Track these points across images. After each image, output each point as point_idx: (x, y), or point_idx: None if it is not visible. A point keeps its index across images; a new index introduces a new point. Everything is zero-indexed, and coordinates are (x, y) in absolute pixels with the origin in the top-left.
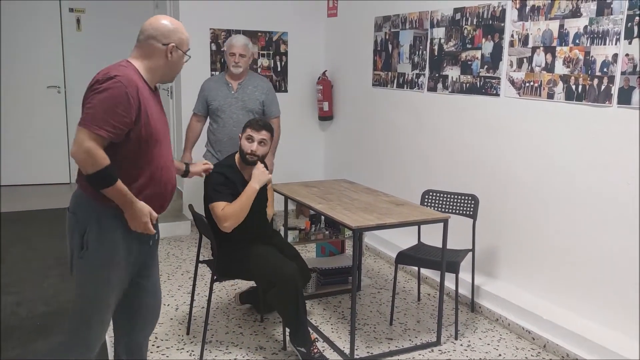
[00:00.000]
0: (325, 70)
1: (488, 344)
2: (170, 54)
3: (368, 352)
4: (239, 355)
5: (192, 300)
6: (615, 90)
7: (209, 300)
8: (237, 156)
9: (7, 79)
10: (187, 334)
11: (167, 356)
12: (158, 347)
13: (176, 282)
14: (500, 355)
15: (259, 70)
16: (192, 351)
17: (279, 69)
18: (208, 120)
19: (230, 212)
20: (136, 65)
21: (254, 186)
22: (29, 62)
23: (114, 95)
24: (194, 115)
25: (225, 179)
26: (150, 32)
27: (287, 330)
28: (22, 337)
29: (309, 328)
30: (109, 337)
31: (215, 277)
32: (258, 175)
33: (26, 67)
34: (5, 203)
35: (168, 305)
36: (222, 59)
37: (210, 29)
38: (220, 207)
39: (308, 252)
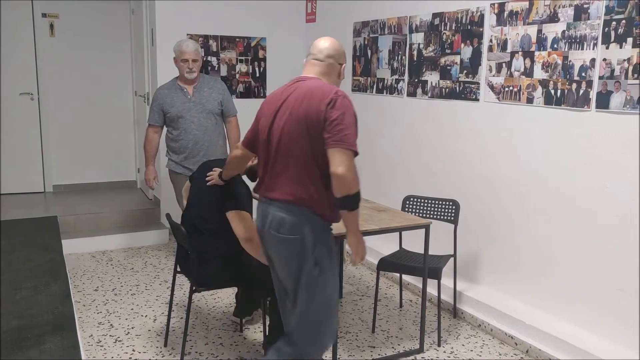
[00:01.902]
0: None
1: (471, 350)
2: (341, 73)
3: None
4: None
5: (170, 311)
6: (593, 95)
7: (187, 311)
8: None
9: None
10: (165, 345)
11: None
12: (135, 359)
13: (154, 292)
14: None
15: (237, 76)
16: None
17: (257, 75)
18: (164, 130)
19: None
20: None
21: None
22: (1, 68)
23: (353, 112)
24: (150, 127)
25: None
26: (330, 52)
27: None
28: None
29: None
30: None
31: (194, 288)
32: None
33: None
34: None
35: (146, 316)
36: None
37: (188, 34)
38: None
39: None
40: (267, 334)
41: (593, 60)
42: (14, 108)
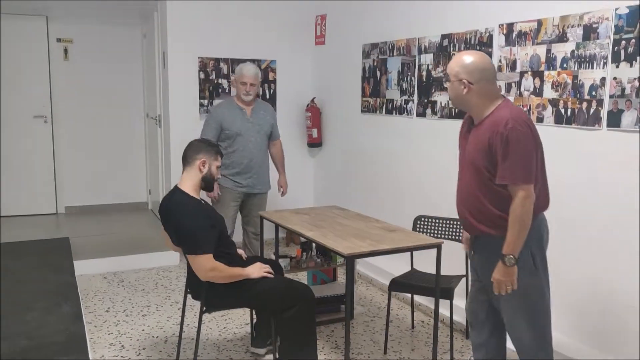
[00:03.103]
0: (314, 97)
1: None
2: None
3: None
4: None
5: (181, 332)
6: (604, 114)
7: (198, 332)
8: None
9: None
10: None
11: None
12: None
13: (165, 313)
14: None
15: None
16: None
17: (267, 97)
18: None
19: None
20: None
21: (248, 273)
22: (16, 92)
23: None
24: None
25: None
26: (484, 74)
27: (287, 355)
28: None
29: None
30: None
31: (204, 309)
32: (257, 270)
33: (13, 96)
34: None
35: (157, 337)
36: (211, 87)
37: (199, 57)
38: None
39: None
40: (277, 355)
41: (603, 79)
42: (28, 131)
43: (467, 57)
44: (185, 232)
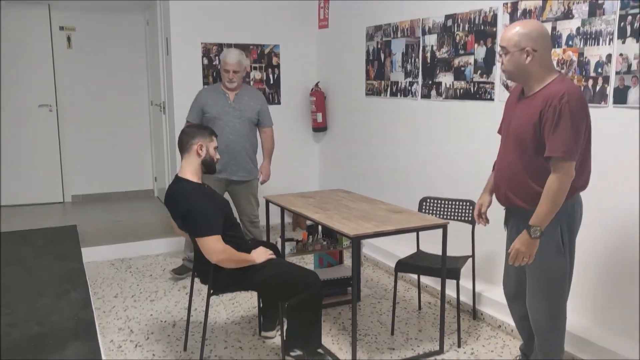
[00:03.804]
0: (318, 82)
1: (492, 351)
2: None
3: None
4: None
5: (189, 315)
6: (610, 91)
7: (206, 315)
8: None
9: None
10: (185, 350)
11: None
12: None
13: (173, 298)
14: None
15: (252, 83)
16: None
17: (271, 82)
18: None
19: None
20: None
21: (254, 258)
22: (20, 81)
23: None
24: (188, 123)
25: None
26: (547, 41)
27: (294, 339)
28: (16, 359)
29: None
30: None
31: (212, 291)
32: (261, 255)
33: (17, 86)
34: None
35: (165, 321)
36: (215, 73)
37: (202, 43)
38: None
39: (306, 264)
40: (284, 338)
41: (609, 56)
42: (34, 120)
43: (526, 25)
44: (192, 216)
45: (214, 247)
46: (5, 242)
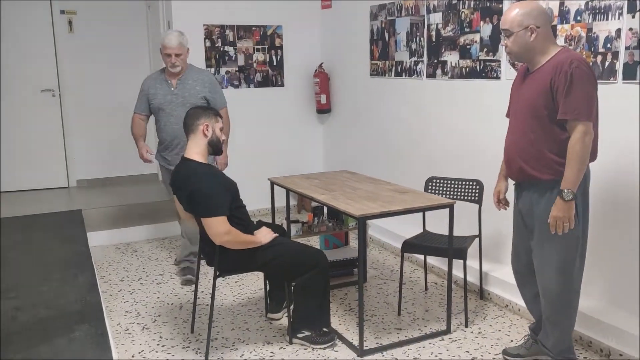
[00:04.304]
0: (322, 63)
1: (499, 330)
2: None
3: (377, 343)
4: (246, 352)
5: (196, 297)
6: (619, 66)
7: (212, 296)
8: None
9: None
10: (192, 332)
11: (173, 355)
12: (163, 346)
13: (179, 281)
14: (512, 340)
15: (255, 65)
16: (198, 349)
17: (274, 63)
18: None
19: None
20: None
21: (260, 240)
22: (22, 66)
23: None
24: (136, 114)
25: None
26: (547, 17)
27: (302, 320)
28: (24, 342)
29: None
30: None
31: (218, 273)
32: (266, 235)
33: (19, 71)
34: (2, 208)
35: (172, 304)
36: (217, 55)
37: (204, 25)
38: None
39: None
40: (291, 319)
41: (619, 31)
42: (37, 105)
43: (524, 5)
44: (199, 196)
45: (219, 229)
46: (11, 227)
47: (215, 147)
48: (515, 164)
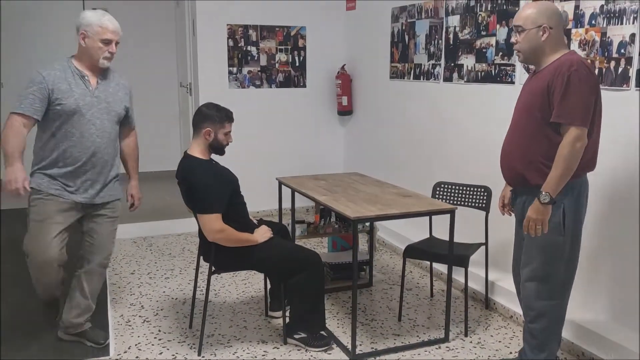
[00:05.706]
0: (344, 64)
1: (499, 341)
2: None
3: (372, 348)
4: (240, 349)
5: (195, 293)
6: (633, 72)
7: (206, 294)
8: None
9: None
10: (190, 327)
11: (168, 349)
12: (160, 339)
13: (187, 277)
14: (511, 353)
15: (277, 65)
16: (193, 344)
17: (297, 64)
18: (36, 131)
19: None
20: None
21: (256, 239)
22: (52, 63)
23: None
24: (20, 116)
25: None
26: (560, 18)
27: (297, 321)
28: (22, 337)
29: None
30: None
31: (213, 270)
32: (263, 234)
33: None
34: (3, 202)
35: (176, 299)
36: (240, 55)
37: (227, 24)
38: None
39: (323, 248)
40: (287, 320)
41: (633, 35)
42: None
43: (540, 5)
44: (195, 191)
45: (212, 226)
46: (8, 221)
47: (217, 150)
48: (509, 165)
